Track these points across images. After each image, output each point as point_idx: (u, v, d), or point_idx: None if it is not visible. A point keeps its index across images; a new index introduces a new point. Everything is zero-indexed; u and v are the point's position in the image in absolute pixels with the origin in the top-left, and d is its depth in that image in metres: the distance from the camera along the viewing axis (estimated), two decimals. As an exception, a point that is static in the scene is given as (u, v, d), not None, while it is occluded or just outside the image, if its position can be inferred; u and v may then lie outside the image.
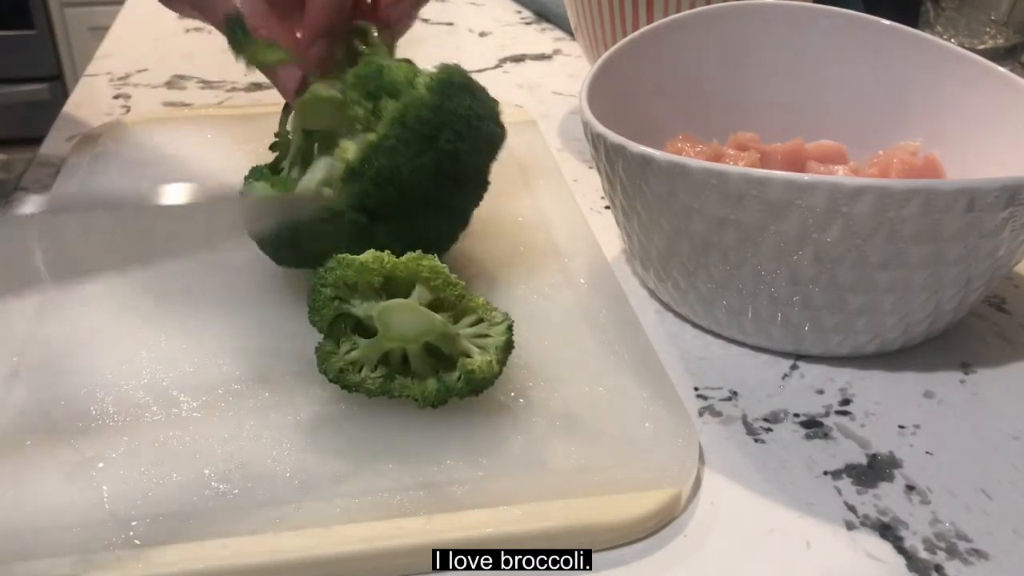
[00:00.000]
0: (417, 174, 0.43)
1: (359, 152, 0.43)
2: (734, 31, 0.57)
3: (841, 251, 0.40)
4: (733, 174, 0.39)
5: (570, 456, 0.38)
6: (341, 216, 0.43)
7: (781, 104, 0.57)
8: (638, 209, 0.45)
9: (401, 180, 0.42)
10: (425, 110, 0.43)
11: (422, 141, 0.43)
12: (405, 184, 0.43)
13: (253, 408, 0.40)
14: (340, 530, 0.34)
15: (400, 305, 0.38)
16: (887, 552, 0.35)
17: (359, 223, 0.43)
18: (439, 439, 0.39)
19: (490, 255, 0.52)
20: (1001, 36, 0.79)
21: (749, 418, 0.42)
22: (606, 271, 0.51)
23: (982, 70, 0.51)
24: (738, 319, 0.45)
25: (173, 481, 0.36)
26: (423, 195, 0.43)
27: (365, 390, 0.39)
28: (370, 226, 0.43)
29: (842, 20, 0.56)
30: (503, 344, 0.39)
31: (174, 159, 0.61)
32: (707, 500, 0.38)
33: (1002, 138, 0.50)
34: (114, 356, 0.43)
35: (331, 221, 0.43)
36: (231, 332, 0.45)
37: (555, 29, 0.96)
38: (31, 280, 0.38)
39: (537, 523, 0.35)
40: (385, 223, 0.43)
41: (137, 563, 0.33)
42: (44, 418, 0.39)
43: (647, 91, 0.55)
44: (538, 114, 0.73)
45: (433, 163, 0.43)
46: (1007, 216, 0.39)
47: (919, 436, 0.41)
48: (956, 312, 0.45)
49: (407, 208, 0.43)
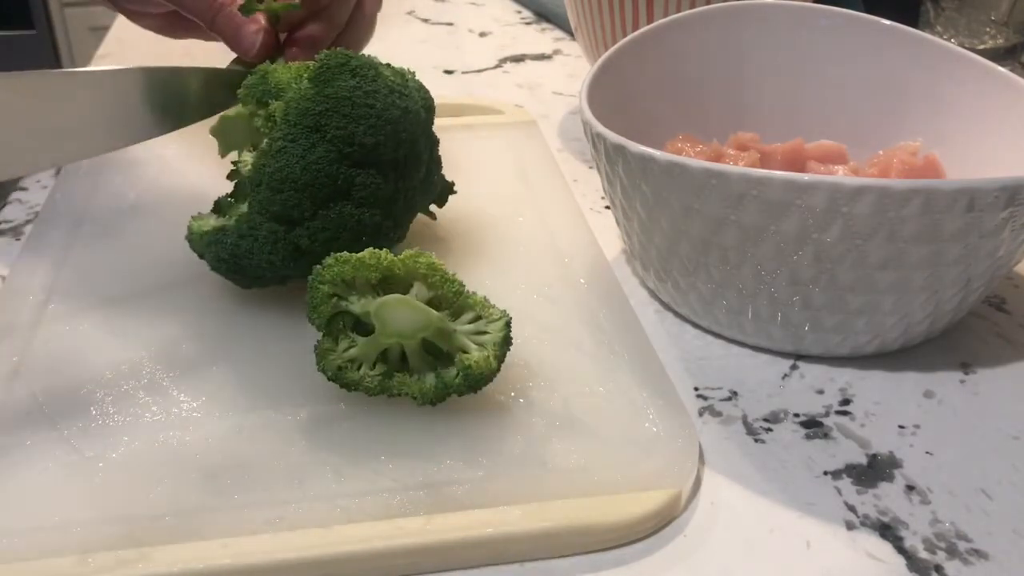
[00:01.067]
0: (312, 168, 0.42)
1: (254, 162, 0.43)
2: (734, 31, 0.57)
3: (841, 251, 0.40)
4: (733, 174, 0.39)
5: (570, 456, 0.38)
6: (259, 230, 0.43)
7: (781, 104, 0.57)
8: (638, 209, 0.45)
9: (296, 178, 0.42)
10: (305, 101, 0.42)
11: (309, 134, 0.42)
12: (302, 181, 0.42)
13: (253, 408, 0.40)
14: (340, 530, 0.34)
15: (397, 300, 0.38)
16: (887, 552, 0.35)
17: (276, 232, 0.43)
18: (439, 439, 0.39)
19: (490, 255, 0.52)
20: (1001, 36, 0.79)
21: (749, 418, 0.42)
22: (606, 271, 0.51)
23: (982, 70, 0.51)
24: (738, 319, 0.45)
25: (173, 481, 0.36)
26: (329, 189, 0.43)
27: (364, 388, 0.39)
28: (288, 232, 0.43)
29: (842, 20, 0.56)
30: (501, 340, 0.39)
31: (173, 159, 0.61)
32: (707, 500, 0.38)
33: (1002, 138, 0.50)
34: (114, 356, 0.43)
35: (252, 235, 0.43)
36: (231, 332, 0.45)
37: (555, 29, 0.96)
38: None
39: (537, 523, 0.35)
40: (302, 226, 0.43)
41: (137, 563, 0.33)
42: (44, 418, 0.39)
43: (647, 91, 0.55)
44: (538, 114, 0.73)
45: (329, 153, 0.42)
46: (1007, 216, 0.39)
47: (919, 436, 0.41)
48: (956, 312, 0.45)
49: (317, 205, 0.43)
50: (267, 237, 0.43)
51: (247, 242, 0.43)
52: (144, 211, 0.55)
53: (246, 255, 0.43)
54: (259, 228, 0.43)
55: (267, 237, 0.43)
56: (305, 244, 0.42)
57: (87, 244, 0.52)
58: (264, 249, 0.43)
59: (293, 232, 0.43)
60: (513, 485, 0.36)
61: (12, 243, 0.54)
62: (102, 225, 0.53)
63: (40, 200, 0.58)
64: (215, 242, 0.44)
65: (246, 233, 0.43)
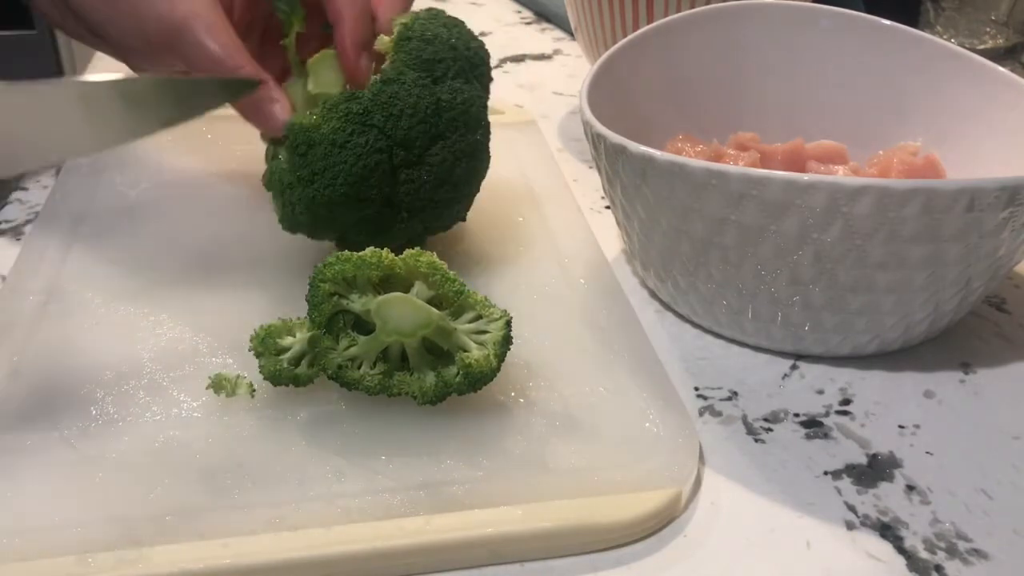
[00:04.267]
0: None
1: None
2: (734, 31, 0.57)
3: (841, 251, 0.40)
4: (733, 174, 0.39)
5: (570, 456, 0.38)
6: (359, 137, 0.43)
7: (781, 104, 0.57)
8: (638, 209, 0.45)
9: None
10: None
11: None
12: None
13: (253, 408, 0.40)
14: (340, 530, 0.34)
15: (398, 299, 0.38)
16: (887, 552, 0.35)
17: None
18: (439, 439, 0.39)
19: (490, 255, 0.52)
20: (1001, 36, 0.79)
21: (749, 418, 0.42)
22: (606, 271, 0.51)
23: (982, 70, 0.51)
24: (738, 319, 0.45)
25: (173, 481, 0.36)
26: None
27: (364, 387, 0.39)
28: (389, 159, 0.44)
29: (842, 20, 0.56)
30: (501, 339, 0.39)
31: (174, 159, 0.61)
32: (707, 500, 0.38)
33: (1002, 138, 0.50)
34: (114, 356, 0.43)
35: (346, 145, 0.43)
36: (231, 332, 0.45)
37: (555, 29, 0.96)
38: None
39: (537, 523, 0.35)
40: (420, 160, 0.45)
41: (137, 563, 0.33)
42: (44, 418, 0.39)
43: (647, 91, 0.55)
44: (538, 114, 0.73)
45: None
46: (1007, 216, 0.39)
47: (919, 436, 0.41)
48: (956, 312, 0.45)
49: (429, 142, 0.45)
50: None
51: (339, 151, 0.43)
52: (144, 211, 0.55)
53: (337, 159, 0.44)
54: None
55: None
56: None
57: (87, 244, 0.52)
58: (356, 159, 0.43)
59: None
60: (513, 485, 0.36)
61: (12, 243, 0.54)
62: (102, 225, 0.53)
63: (40, 200, 0.58)
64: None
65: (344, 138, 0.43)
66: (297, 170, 0.44)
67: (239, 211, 0.55)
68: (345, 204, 0.44)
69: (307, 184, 0.43)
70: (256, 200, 0.56)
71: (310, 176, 0.43)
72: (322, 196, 0.43)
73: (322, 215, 0.44)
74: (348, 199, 0.43)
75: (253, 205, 0.56)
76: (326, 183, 0.43)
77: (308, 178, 0.43)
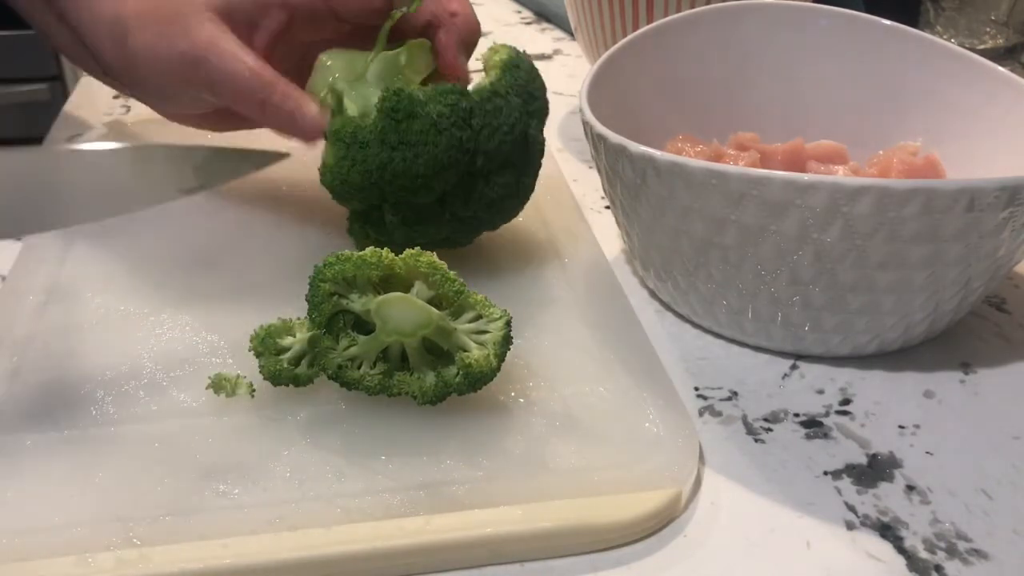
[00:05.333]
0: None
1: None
2: (734, 31, 0.57)
3: (841, 251, 0.40)
4: (733, 174, 0.39)
5: (570, 456, 0.38)
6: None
7: (781, 104, 0.57)
8: (638, 209, 0.45)
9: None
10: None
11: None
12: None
13: (253, 407, 0.40)
14: (340, 530, 0.34)
15: (398, 298, 0.38)
16: (887, 552, 0.35)
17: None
18: (439, 439, 0.39)
19: (489, 255, 0.52)
20: (1001, 36, 0.79)
21: (749, 418, 0.42)
22: (606, 271, 0.51)
23: (982, 70, 0.51)
24: (738, 319, 0.45)
25: (173, 481, 0.36)
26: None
27: (364, 387, 0.39)
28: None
29: (842, 20, 0.56)
30: (501, 339, 0.39)
31: (174, 159, 0.61)
32: (707, 500, 0.38)
33: (1002, 138, 0.50)
34: (114, 356, 0.43)
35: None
36: (230, 332, 0.45)
37: (555, 29, 0.96)
38: None
39: (537, 523, 0.35)
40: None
41: (137, 563, 0.33)
42: (44, 418, 0.39)
43: (647, 91, 0.55)
44: (538, 114, 0.72)
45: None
46: (1007, 216, 0.39)
47: (919, 436, 0.41)
48: (956, 312, 0.45)
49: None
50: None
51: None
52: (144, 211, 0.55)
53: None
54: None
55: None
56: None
57: (87, 244, 0.52)
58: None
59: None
60: (513, 485, 0.36)
61: (12, 243, 0.54)
62: (102, 225, 0.53)
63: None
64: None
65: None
66: (385, 133, 0.43)
67: (240, 211, 0.55)
68: (412, 183, 0.44)
69: (390, 149, 0.43)
70: (256, 200, 0.56)
71: (396, 143, 0.43)
72: (398, 166, 0.43)
73: (381, 182, 0.44)
74: (419, 180, 0.44)
75: (254, 205, 0.56)
76: (410, 156, 0.43)
77: (393, 144, 0.43)
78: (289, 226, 0.54)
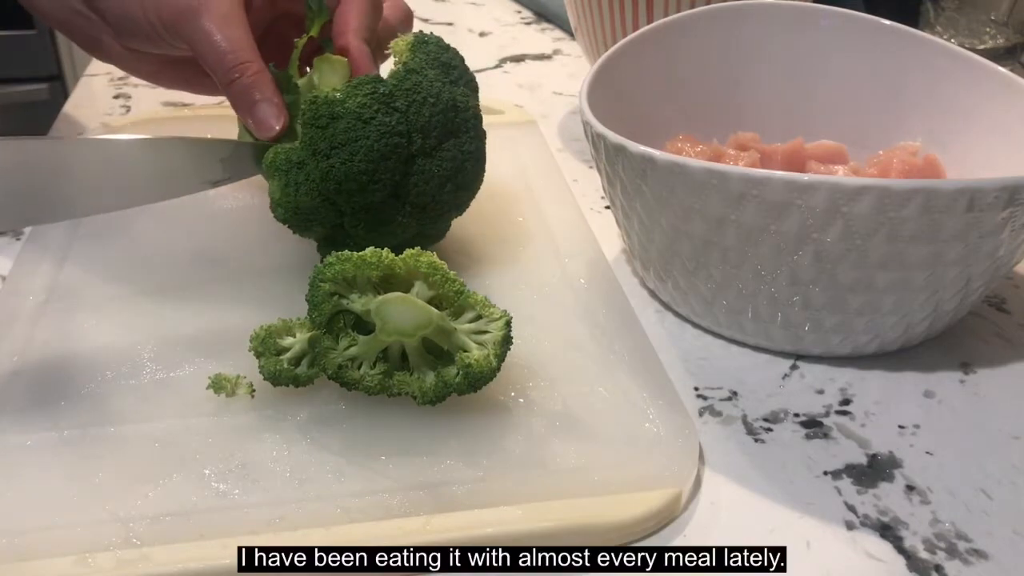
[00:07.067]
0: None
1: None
2: (734, 31, 0.57)
3: (841, 251, 0.40)
4: (733, 174, 0.39)
5: (570, 456, 0.38)
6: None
7: (781, 104, 0.57)
8: (638, 209, 0.45)
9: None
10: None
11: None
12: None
13: (253, 408, 0.40)
14: (340, 530, 0.34)
15: (398, 298, 0.38)
16: (887, 552, 0.35)
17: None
18: (439, 439, 0.39)
19: (490, 254, 0.52)
20: (1001, 36, 0.79)
21: (749, 418, 0.42)
22: (606, 271, 0.51)
23: (982, 70, 0.51)
24: (738, 319, 0.45)
25: (173, 481, 0.36)
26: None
27: (364, 387, 0.39)
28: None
29: (842, 20, 0.56)
30: (501, 339, 0.39)
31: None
32: (707, 500, 0.38)
33: (1002, 138, 0.50)
34: (114, 355, 0.43)
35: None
36: (231, 332, 0.45)
37: (555, 29, 0.96)
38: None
39: (537, 523, 0.35)
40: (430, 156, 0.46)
41: (137, 563, 0.33)
42: (44, 418, 0.39)
43: (647, 91, 0.55)
44: (538, 114, 0.73)
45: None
46: (1007, 216, 0.39)
47: (919, 436, 0.41)
48: (956, 312, 0.45)
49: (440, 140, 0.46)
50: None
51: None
52: (144, 211, 0.55)
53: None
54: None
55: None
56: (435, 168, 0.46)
57: (87, 244, 0.52)
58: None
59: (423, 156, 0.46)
60: (513, 485, 0.36)
61: (12, 243, 0.54)
62: (102, 225, 0.53)
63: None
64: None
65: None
66: (314, 143, 0.43)
67: (239, 211, 0.55)
68: (358, 182, 0.44)
69: (324, 158, 0.43)
70: (256, 200, 0.56)
71: (328, 150, 0.43)
72: (338, 170, 0.43)
73: (330, 194, 0.44)
74: (363, 176, 0.43)
75: (253, 205, 0.56)
76: (345, 157, 0.43)
77: (326, 152, 0.43)
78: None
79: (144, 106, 0.74)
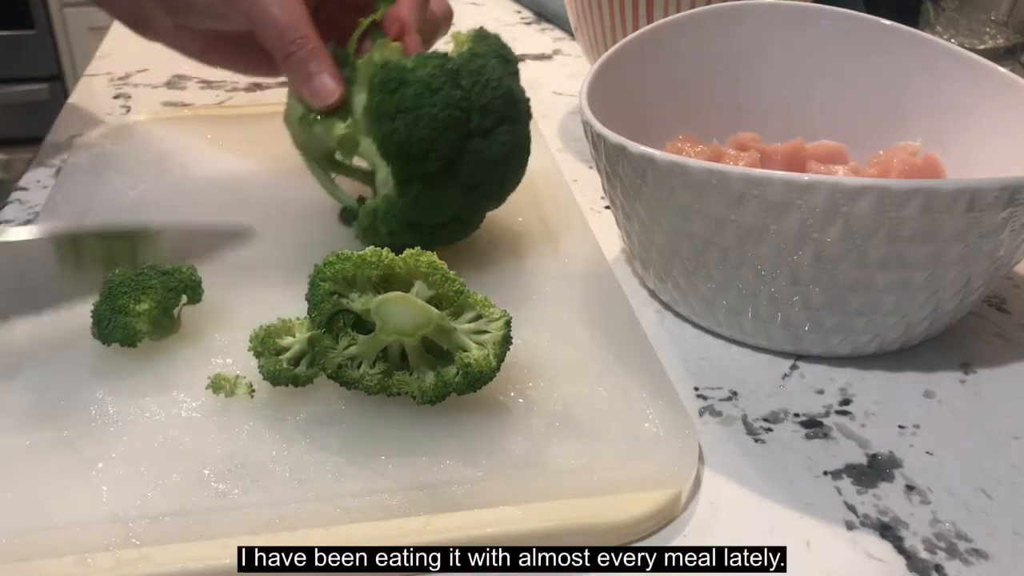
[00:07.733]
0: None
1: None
2: (734, 31, 0.57)
3: (841, 251, 0.40)
4: (733, 174, 0.39)
5: (570, 456, 0.38)
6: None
7: (781, 104, 0.57)
8: (638, 209, 0.45)
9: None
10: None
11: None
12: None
13: (253, 408, 0.40)
14: (340, 530, 0.34)
15: (398, 298, 0.38)
16: (887, 552, 0.35)
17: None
18: (439, 439, 0.39)
19: (489, 254, 0.52)
20: (1001, 36, 0.79)
21: (749, 418, 0.42)
22: (606, 271, 0.51)
23: (982, 70, 0.51)
24: (738, 319, 0.45)
25: (173, 481, 0.36)
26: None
27: (364, 387, 0.39)
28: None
29: (842, 20, 0.56)
30: (501, 339, 0.39)
31: (174, 159, 0.61)
32: (707, 500, 0.38)
33: (1002, 138, 0.50)
34: (114, 356, 0.43)
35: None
36: (230, 332, 0.45)
37: (555, 29, 0.96)
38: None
39: (537, 523, 0.35)
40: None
41: (137, 563, 0.33)
42: (44, 418, 0.39)
43: (647, 91, 0.55)
44: (538, 114, 0.72)
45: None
46: (1007, 216, 0.39)
47: (919, 436, 0.41)
48: (956, 312, 0.45)
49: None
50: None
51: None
52: (144, 211, 0.55)
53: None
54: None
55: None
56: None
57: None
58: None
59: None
60: (513, 485, 0.36)
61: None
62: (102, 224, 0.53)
63: (40, 200, 0.58)
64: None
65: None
66: (381, 107, 0.45)
67: (238, 211, 0.55)
68: (419, 148, 0.44)
69: (388, 120, 0.44)
70: (256, 200, 0.56)
71: (394, 113, 0.44)
72: (402, 133, 0.44)
73: (389, 159, 0.45)
74: (424, 143, 0.44)
75: (253, 205, 0.56)
76: (410, 120, 0.44)
77: (391, 115, 0.44)
78: (289, 225, 0.54)
79: (144, 106, 0.74)
